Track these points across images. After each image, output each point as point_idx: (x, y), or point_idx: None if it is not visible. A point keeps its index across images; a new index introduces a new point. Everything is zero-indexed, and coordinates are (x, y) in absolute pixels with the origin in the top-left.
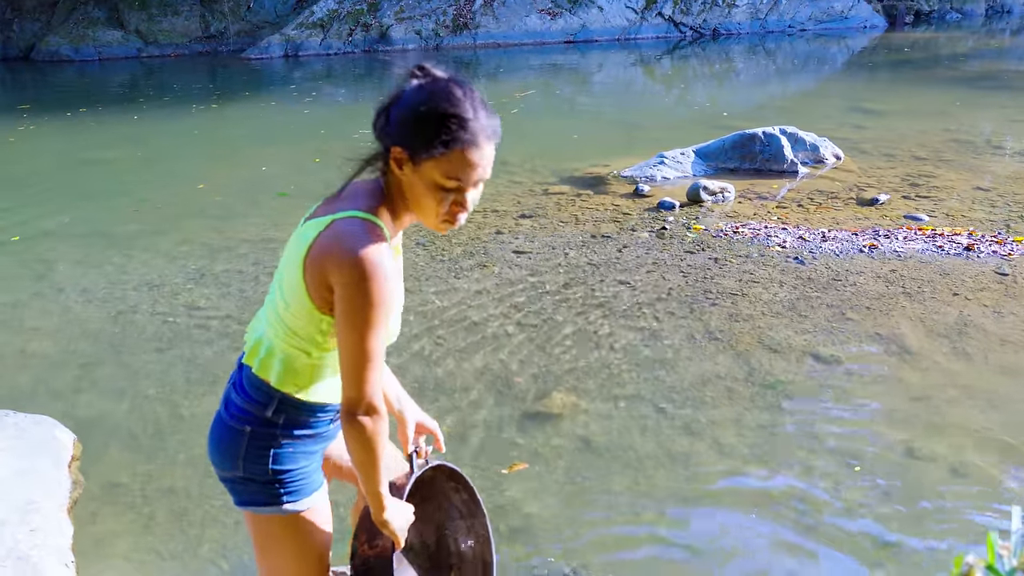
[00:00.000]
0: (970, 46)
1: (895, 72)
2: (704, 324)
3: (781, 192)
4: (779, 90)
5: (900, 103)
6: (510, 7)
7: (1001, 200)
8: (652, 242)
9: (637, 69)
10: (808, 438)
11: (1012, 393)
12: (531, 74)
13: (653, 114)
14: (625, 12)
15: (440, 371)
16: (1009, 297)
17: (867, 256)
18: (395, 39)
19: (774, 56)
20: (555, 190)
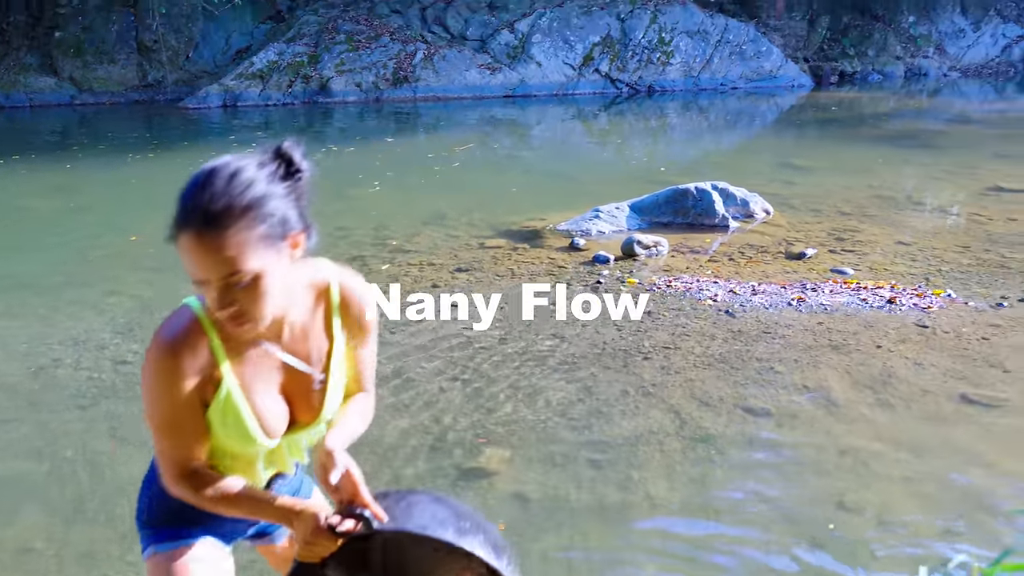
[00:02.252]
0: (891, 106)
1: (822, 130)
2: (637, 378)
3: (713, 246)
4: (713, 146)
5: (827, 160)
6: (450, 61)
7: (921, 254)
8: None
9: (575, 124)
10: (739, 491)
11: (934, 442)
12: (470, 128)
13: (590, 168)
14: (563, 68)
15: (373, 428)
16: (929, 348)
17: (795, 309)
18: (335, 91)
19: (707, 113)
20: (492, 243)
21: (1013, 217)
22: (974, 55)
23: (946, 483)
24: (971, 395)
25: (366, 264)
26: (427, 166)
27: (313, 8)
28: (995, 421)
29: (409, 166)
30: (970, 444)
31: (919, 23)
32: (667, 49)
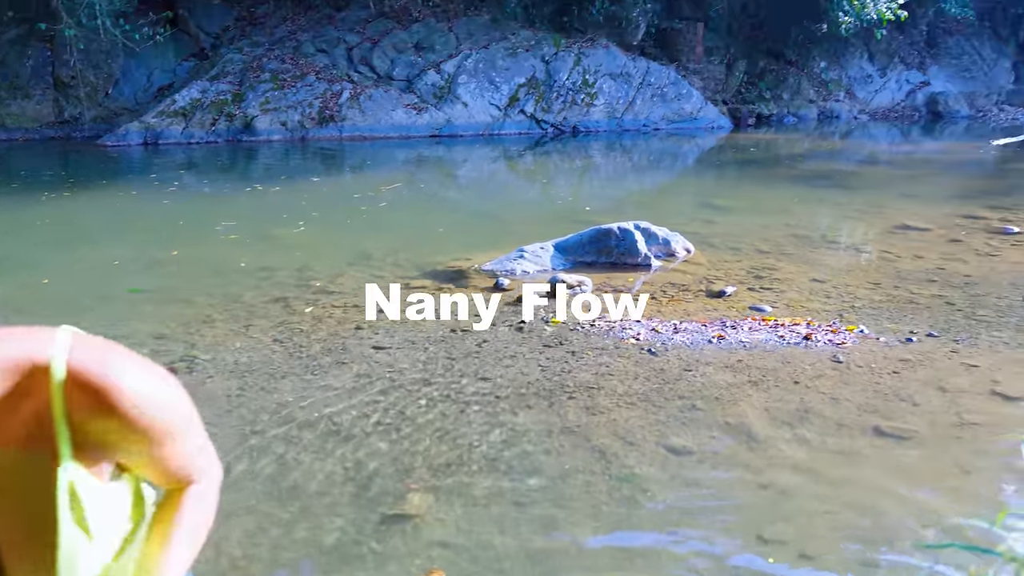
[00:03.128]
0: (806, 147)
1: (741, 170)
2: (562, 418)
3: (636, 285)
4: (636, 186)
5: (746, 199)
6: (376, 101)
7: (835, 291)
8: (511, 336)
9: (501, 163)
10: (664, 529)
11: (849, 475)
12: (397, 167)
13: (516, 208)
14: (489, 109)
15: (294, 474)
16: (843, 383)
17: (715, 347)
18: (260, 130)
19: (631, 153)
20: (417, 284)
21: (919, 254)
22: (881, 99)
23: (862, 515)
24: (883, 428)
25: (289, 306)
26: (353, 206)
27: (237, 46)
28: (906, 452)
29: (335, 206)
30: (883, 476)
31: (830, 69)
32: (591, 91)
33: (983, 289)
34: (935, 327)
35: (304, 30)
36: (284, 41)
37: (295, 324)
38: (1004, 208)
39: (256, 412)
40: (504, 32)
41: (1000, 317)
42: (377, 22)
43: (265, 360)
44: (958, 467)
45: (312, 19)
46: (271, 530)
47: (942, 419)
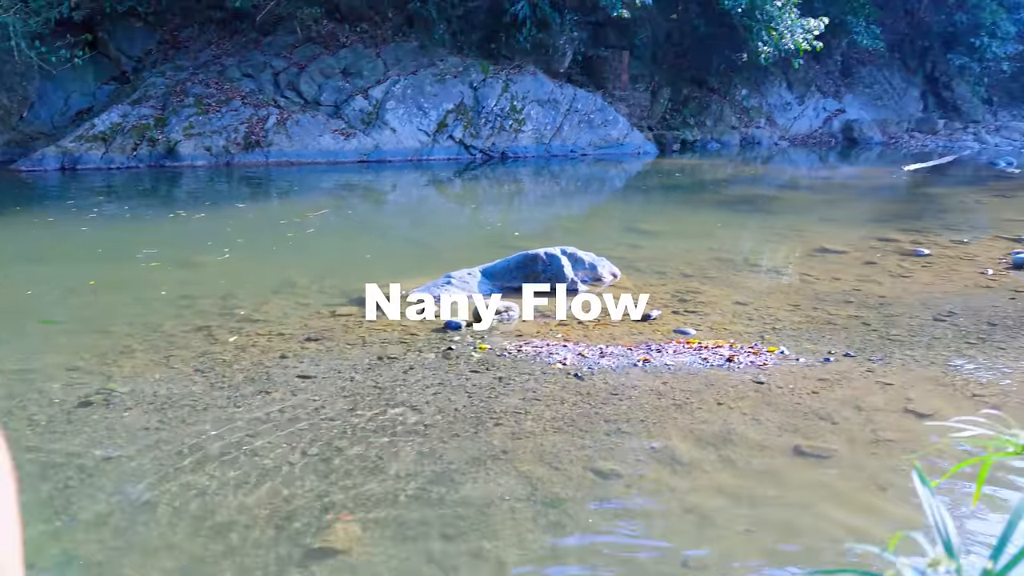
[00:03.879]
0: (729, 172)
1: (666, 195)
2: (488, 445)
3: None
4: (564, 211)
5: (671, 224)
6: (303, 126)
7: (757, 313)
8: (438, 363)
9: (430, 189)
10: (590, 555)
11: (771, 495)
12: (325, 193)
13: (444, 233)
14: (417, 134)
15: (216, 509)
16: (765, 404)
17: (641, 370)
18: (183, 155)
19: (559, 178)
20: (344, 311)
21: (837, 277)
22: (800, 126)
23: (783, 536)
24: (803, 447)
25: (212, 335)
26: (280, 232)
27: (160, 70)
28: (825, 471)
29: (261, 232)
30: (804, 495)
31: (751, 96)
32: (519, 117)
33: (896, 309)
34: (852, 347)
35: (229, 54)
36: (209, 65)
37: (218, 354)
38: (915, 231)
39: (176, 446)
40: (432, 58)
41: (912, 336)
42: (304, 47)
43: (186, 392)
44: (875, 484)
45: (238, 43)
46: (192, 568)
47: (859, 437)
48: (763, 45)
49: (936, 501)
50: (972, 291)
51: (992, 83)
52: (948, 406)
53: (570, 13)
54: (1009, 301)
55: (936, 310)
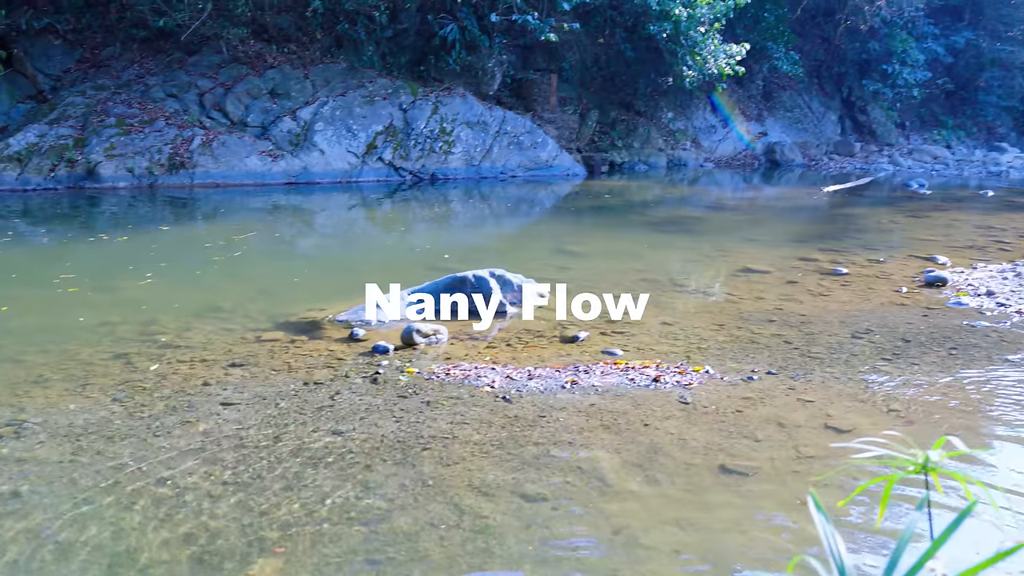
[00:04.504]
0: (656, 194)
1: (595, 217)
2: (417, 471)
3: (492, 332)
4: (494, 232)
5: (599, 245)
6: (230, 147)
7: (683, 333)
8: (365, 388)
9: (359, 211)
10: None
11: (698, 514)
12: (252, 215)
13: (373, 256)
14: (347, 156)
15: (132, 543)
16: (690, 424)
17: (569, 392)
18: (104, 176)
19: (488, 200)
20: (269, 336)
21: (760, 296)
22: (724, 148)
23: (709, 553)
24: (728, 465)
25: (131, 362)
26: (205, 256)
27: (80, 89)
28: (750, 489)
29: (185, 256)
30: (729, 513)
31: (677, 119)
32: (449, 139)
33: (816, 327)
34: (774, 365)
35: (153, 74)
36: (132, 84)
37: (137, 382)
38: (834, 251)
39: (91, 478)
40: (361, 80)
41: (832, 354)
42: (230, 67)
43: (103, 422)
44: (798, 500)
45: (162, 63)
46: None
47: (781, 454)
48: (688, 69)
49: (831, 527)
50: (888, 309)
51: (904, 108)
52: (865, 421)
53: (499, 36)
54: (922, 318)
55: (854, 328)
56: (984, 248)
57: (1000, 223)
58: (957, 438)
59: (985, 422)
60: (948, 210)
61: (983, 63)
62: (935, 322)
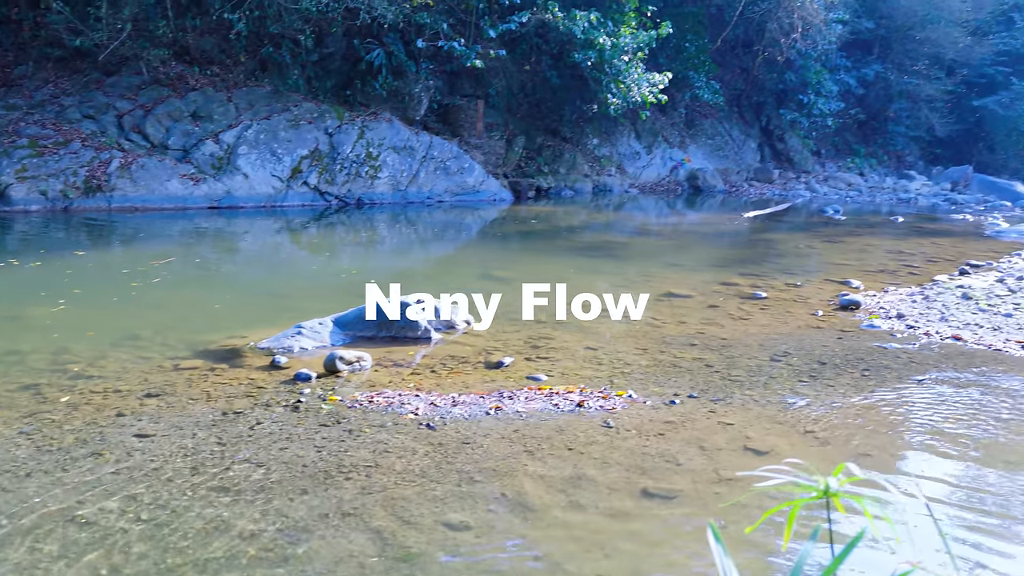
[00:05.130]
0: (582, 219)
1: (522, 242)
2: (338, 500)
3: (416, 359)
4: (420, 257)
5: (525, 270)
6: (149, 170)
7: (606, 358)
8: (286, 417)
9: (283, 236)
10: None
11: (620, 539)
12: (172, 240)
13: (297, 282)
14: (271, 180)
15: None
16: (613, 448)
17: (493, 418)
18: (15, 199)
19: (415, 225)
20: (187, 365)
21: (682, 320)
22: (649, 174)
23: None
24: (651, 489)
25: (40, 393)
26: (122, 282)
27: None
28: (672, 512)
29: (102, 282)
30: (652, 537)
31: (602, 145)
32: (375, 163)
33: (736, 351)
34: (695, 389)
35: (69, 94)
36: (45, 105)
37: (46, 414)
38: (754, 275)
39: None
40: (286, 103)
41: (751, 376)
42: (150, 89)
43: (8, 457)
44: (719, 523)
45: (78, 83)
46: None
47: (703, 477)
48: (612, 97)
49: (728, 560)
50: (805, 332)
51: (819, 136)
52: (783, 443)
53: (425, 62)
54: (837, 340)
55: (772, 351)
56: (895, 272)
57: (910, 248)
58: (855, 464)
59: (896, 442)
60: (861, 235)
61: (892, 95)
62: (849, 344)
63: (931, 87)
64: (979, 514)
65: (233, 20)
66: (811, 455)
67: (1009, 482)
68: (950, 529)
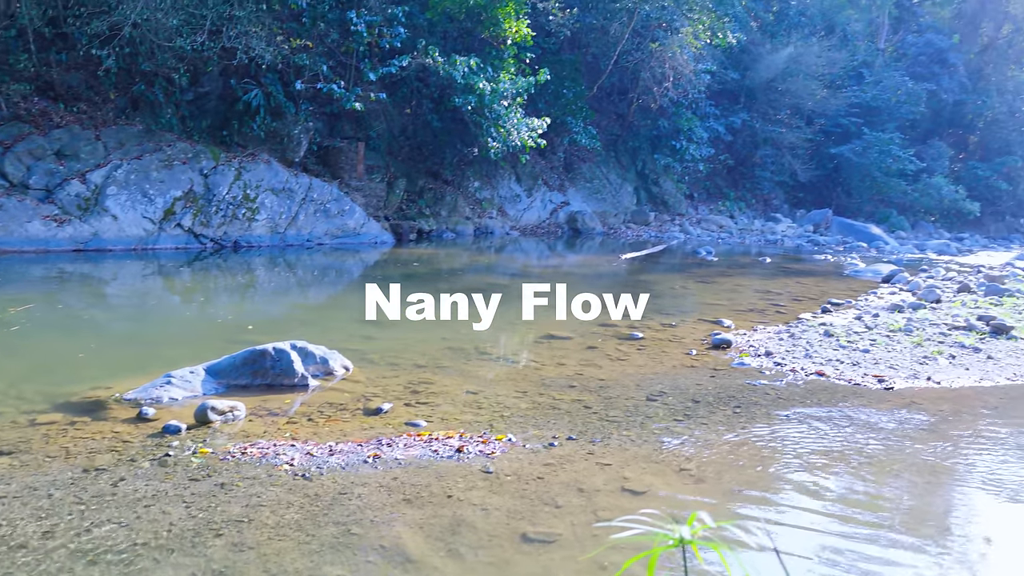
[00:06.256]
0: (464, 261)
1: (404, 284)
2: (207, 559)
3: (293, 407)
4: (300, 302)
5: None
6: (8, 211)
7: (486, 402)
8: (153, 472)
9: (155, 281)
10: None
11: None
12: (32, 285)
13: (169, 329)
14: (142, 222)
15: None
16: (493, 493)
17: (371, 467)
18: None
19: (295, 269)
20: (45, 419)
21: (562, 362)
22: (529, 217)
23: None
24: (530, 534)
25: None
26: None
27: None
28: (551, 556)
29: None
30: None
31: (483, 188)
32: (252, 206)
33: (614, 391)
34: (574, 430)
35: None
36: None
37: None
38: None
39: None
40: (159, 143)
41: (628, 417)
42: (10, 125)
43: None
44: (596, 565)
45: None
46: None
47: (581, 519)
48: (492, 141)
49: None
50: (679, 371)
51: (692, 180)
52: (659, 481)
53: (305, 103)
54: (710, 379)
55: (649, 390)
56: (763, 311)
57: (777, 287)
58: (706, 514)
59: (765, 477)
60: (732, 276)
61: (758, 142)
62: (721, 382)
63: (793, 135)
64: (845, 543)
65: (102, 56)
66: (686, 492)
67: (874, 516)
68: (812, 567)
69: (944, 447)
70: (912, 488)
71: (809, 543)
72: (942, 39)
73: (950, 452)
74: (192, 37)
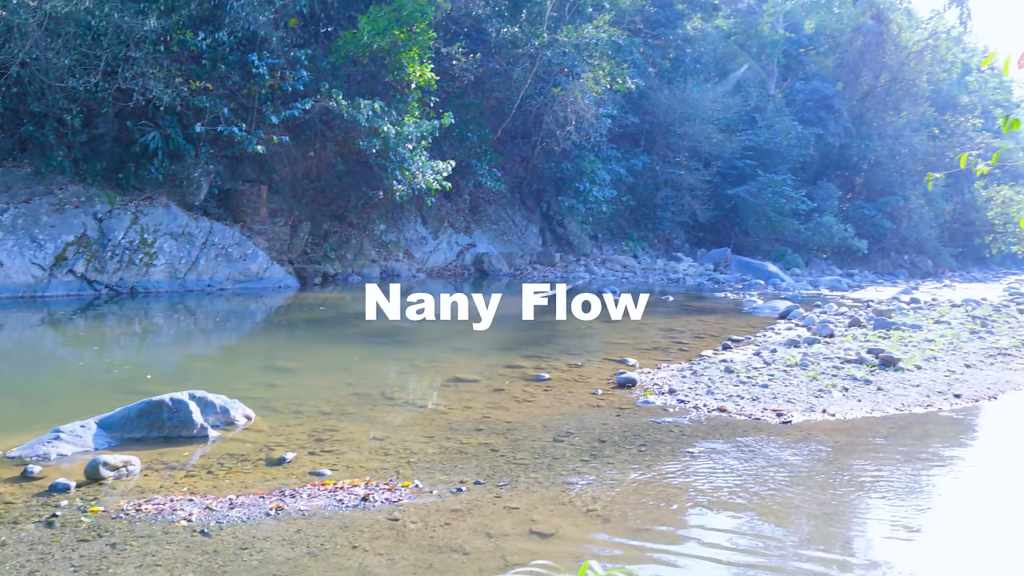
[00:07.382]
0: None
1: (308, 330)
2: None
3: (191, 460)
4: (200, 350)
5: (310, 360)
6: None
7: (393, 448)
8: (39, 534)
9: (44, 330)
10: None
11: None
12: None
13: (58, 381)
14: (31, 268)
15: None
16: (400, 541)
17: (274, 519)
18: None
19: (195, 315)
20: None
21: (469, 405)
22: (436, 259)
23: None
24: None
25: None
26: None
27: None
28: None
29: None
30: None
31: (389, 231)
32: (150, 250)
33: (521, 434)
34: (481, 474)
35: None
36: None
37: None
38: (538, 357)
39: None
40: (49, 186)
41: (535, 459)
42: None
43: None
44: None
45: None
46: None
47: (489, 565)
48: (398, 184)
49: None
50: (586, 411)
51: (596, 221)
52: (567, 523)
53: (205, 146)
54: (616, 418)
55: (556, 431)
56: (667, 349)
57: (679, 325)
58: (597, 562)
59: (670, 513)
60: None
61: (658, 183)
62: (627, 421)
63: (692, 177)
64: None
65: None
66: (594, 532)
67: (779, 546)
68: None
69: (842, 477)
70: (812, 520)
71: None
72: (827, 86)
73: (847, 481)
74: (85, 78)
